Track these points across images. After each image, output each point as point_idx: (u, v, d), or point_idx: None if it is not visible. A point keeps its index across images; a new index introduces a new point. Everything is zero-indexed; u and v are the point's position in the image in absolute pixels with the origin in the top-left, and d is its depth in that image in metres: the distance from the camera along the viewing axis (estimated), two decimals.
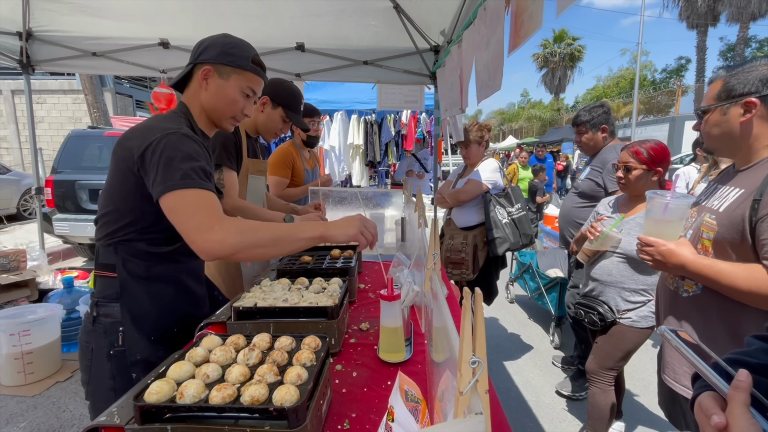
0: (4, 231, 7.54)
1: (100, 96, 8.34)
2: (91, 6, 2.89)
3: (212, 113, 1.24)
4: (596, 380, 2.00)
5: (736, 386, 0.50)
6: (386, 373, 1.11)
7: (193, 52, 1.21)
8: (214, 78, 1.19)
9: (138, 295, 1.15)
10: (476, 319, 0.48)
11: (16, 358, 2.54)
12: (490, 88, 1.74)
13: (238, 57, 1.19)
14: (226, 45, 1.20)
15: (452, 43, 2.60)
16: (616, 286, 1.87)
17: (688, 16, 24.48)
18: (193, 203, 1.01)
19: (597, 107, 2.53)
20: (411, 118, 7.03)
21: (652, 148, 1.80)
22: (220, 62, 1.18)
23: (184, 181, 1.01)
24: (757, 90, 1.09)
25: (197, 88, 1.21)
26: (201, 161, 1.07)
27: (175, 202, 1.01)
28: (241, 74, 1.21)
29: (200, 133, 1.22)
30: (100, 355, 1.14)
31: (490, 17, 1.74)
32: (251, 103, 1.28)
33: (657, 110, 24.16)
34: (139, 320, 1.15)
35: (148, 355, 1.14)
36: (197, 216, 1.00)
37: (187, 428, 0.73)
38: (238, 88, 1.21)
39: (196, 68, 1.20)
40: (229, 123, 1.27)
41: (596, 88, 38.71)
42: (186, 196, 1.01)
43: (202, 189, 1.03)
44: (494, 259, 2.84)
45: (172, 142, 1.05)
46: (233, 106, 1.23)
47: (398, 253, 1.83)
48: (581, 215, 2.50)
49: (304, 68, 3.66)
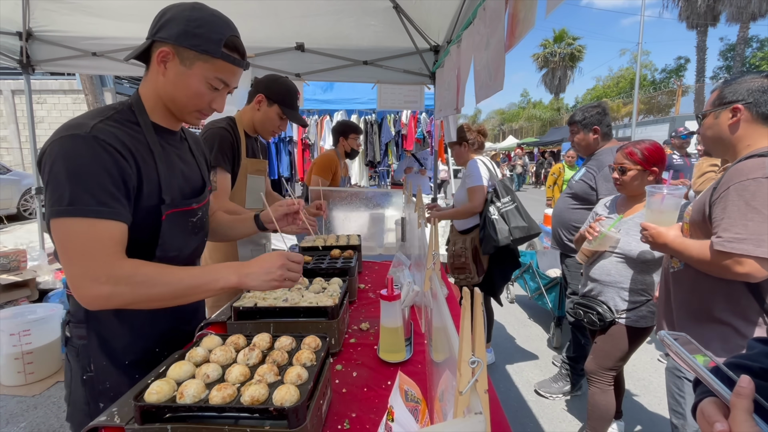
0: (4, 231, 7.54)
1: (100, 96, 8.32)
2: (91, 6, 2.89)
3: (171, 105, 1.00)
4: (595, 380, 2.00)
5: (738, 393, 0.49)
6: (386, 373, 1.11)
7: (152, 24, 0.96)
8: (173, 63, 0.94)
9: (105, 316, 0.99)
10: (475, 319, 0.48)
11: (16, 358, 2.54)
12: (491, 88, 1.74)
13: (205, 40, 0.93)
14: (192, 22, 0.92)
15: (452, 43, 2.60)
16: (615, 286, 1.88)
17: (688, 16, 24.48)
18: (80, 241, 0.83)
19: (592, 107, 2.48)
20: (411, 118, 7.03)
21: (646, 149, 1.82)
22: (182, 44, 0.92)
23: (73, 206, 0.82)
24: (743, 98, 1.28)
25: (154, 72, 0.97)
26: (105, 176, 0.85)
27: (60, 233, 0.84)
28: (208, 62, 0.95)
29: (154, 128, 1.01)
30: (76, 378, 1.02)
31: (489, 17, 1.74)
32: (222, 95, 1.04)
33: (657, 110, 24.16)
34: (108, 344, 1.00)
35: (118, 382, 1.00)
36: (82, 259, 0.83)
37: (187, 428, 0.73)
38: (203, 79, 0.96)
39: (154, 47, 0.95)
40: (194, 117, 1.04)
41: (596, 88, 38.72)
42: (72, 229, 0.83)
43: (95, 218, 0.83)
44: (497, 258, 2.79)
45: (66, 150, 0.83)
46: (197, 100, 0.99)
47: (398, 253, 1.83)
48: (573, 217, 2.48)
49: (304, 68, 3.66)
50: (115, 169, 0.87)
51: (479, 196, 2.71)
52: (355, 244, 1.98)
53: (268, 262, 0.97)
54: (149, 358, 1.05)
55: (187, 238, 1.09)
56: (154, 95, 1.00)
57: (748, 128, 1.28)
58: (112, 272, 0.85)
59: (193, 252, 1.15)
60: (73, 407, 1.05)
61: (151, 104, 1.01)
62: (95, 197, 0.84)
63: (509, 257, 2.83)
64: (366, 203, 2.72)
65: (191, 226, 1.10)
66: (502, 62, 1.62)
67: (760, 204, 1.16)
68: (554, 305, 3.46)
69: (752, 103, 1.26)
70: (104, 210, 0.85)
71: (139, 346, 1.04)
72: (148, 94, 1.00)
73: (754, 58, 25.32)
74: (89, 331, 1.00)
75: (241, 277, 0.95)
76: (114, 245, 0.87)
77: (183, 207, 1.05)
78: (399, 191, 2.77)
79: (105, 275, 0.84)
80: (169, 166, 1.02)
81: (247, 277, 0.95)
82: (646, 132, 19.94)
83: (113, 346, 1.01)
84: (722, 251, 1.20)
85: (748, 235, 1.15)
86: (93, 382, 1.00)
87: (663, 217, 1.47)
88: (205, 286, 0.93)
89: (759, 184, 1.17)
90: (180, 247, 1.07)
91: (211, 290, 0.94)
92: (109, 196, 0.86)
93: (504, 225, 2.64)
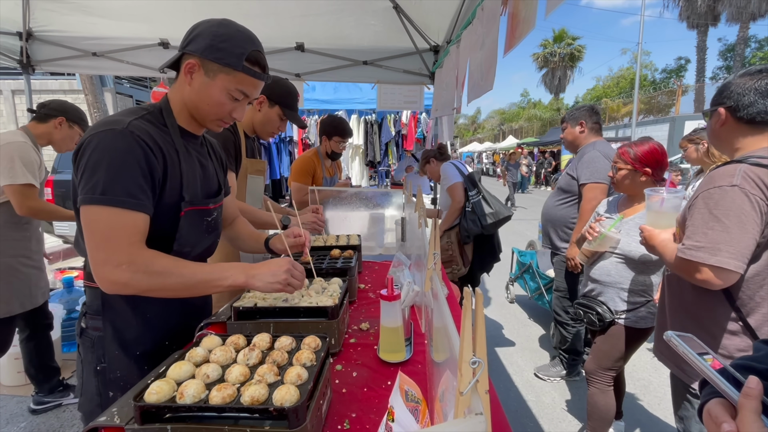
0: None
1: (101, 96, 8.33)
2: (91, 6, 2.89)
3: (195, 112, 1.08)
4: (595, 380, 2.00)
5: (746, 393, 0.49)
6: (386, 373, 1.11)
7: (184, 38, 1.04)
8: (199, 74, 1.02)
9: (121, 307, 1.05)
10: (476, 320, 0.48)
11: (16, 358, 2.54)
12: (482, 88, 1.73)
13: (228, 54, 1.00)
14: (217, 37, 1.00)
15: (451, 43, 2.60)
16: (615, 287, 1.88)
17: (688, 16, 24.50)
18: (106, 227, 0.89)
19: (583, 106, 2.63)
20: (411, 118, 7.04)
21: (640, 149, 1.83)
22: (207, 57, 1.00)
23: (105, 196, 0.89)
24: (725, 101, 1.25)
25: (182, 81, 1.05)
26: (136, 169, 0.92)
27: (88, 219, 0.90)
28: (230, 74, 1.02)
29: (179, 131, 1.08)
30: (88, 368, 1.07)
31: (486, 17, 1.74)
32: (243, 105, 1.10)
33: (657, 110, 24.14)
34: (122, 335, 1.06)
35: (128, 372, 1.05)
36: (106, 245, 0.89)
37: (187, 428, 0.73)
38: (225, 90, 1.03)
39: (183, 58, 1.03)
40: (215, 125, 1.12)
41: (596, 88, 38.73)
42: (100, 216, 0.89)
43: (122, 209, 0.90)
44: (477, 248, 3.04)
45: (104, 142, 0.91)
46: (218, 109, 1.06)
47: (398, 253, 1.83)
48: (558, 212, 2.64)
49: (304, 68, 3.66)
50: (145, 163, 0.95)
51: (458, 192, 2.99)
52: (355, 244, 1.98)
53: (275, 266, 1.04)
54: (159, 350, 1.10)
55: (201, 235, 1.16)
56: (181, 102, 1.08)
57: (733, 131, 1.26)
58: (132, 259, 0.90)
59: (205, 250, 1.22)
60: (84, 397, 1.10)
61: (178, 109, 1.09)
62: (125, 188, 0.91)
63: (487, 246, 3.07)
64: (366, 203, 2.72)
65: (206, 225, 1.16)
66: (494, 62, 1.61)
67: (721, 213, 1.15)
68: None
69: (732, 107, 1.22)
70: (131, 201, 0.92)
71: (150, 338, 1.10)
72: (175, 100, 1.09)
73: (754, 58, 25.34)
74: (105, 322, 1.05)
75: (248, 277, 1.01)
76: (136, 234, 0.93)
77: (201, 206, 1.11)
78: (399, 191, 2.77)
79: (126, 262, 0.90)
80: (191, 167, 1.10)
81: (254, 278, 1.01)
82: (646, 132, 19.93)
83: (126, 337, 1.06)
84: (683, 258, 1.21)
85: (706, 243, 1.16)
86: (105, 372, 1.05)
87: (661, 219, 1.47)
88: (215, 282, 0.98)
89: (723, 193, 1.16)
90: (194, 244, 1.14)
91: (220, 287, 1.00)
92: (138, 189, 0.93)
93: (474, 215, 2.90)
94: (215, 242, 1.27)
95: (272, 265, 1.04)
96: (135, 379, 1.01)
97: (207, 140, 1.26)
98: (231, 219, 1.43)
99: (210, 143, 1.28)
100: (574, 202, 2.58)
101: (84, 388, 1.09)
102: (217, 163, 1.28)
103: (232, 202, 1.44)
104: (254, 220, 1.79)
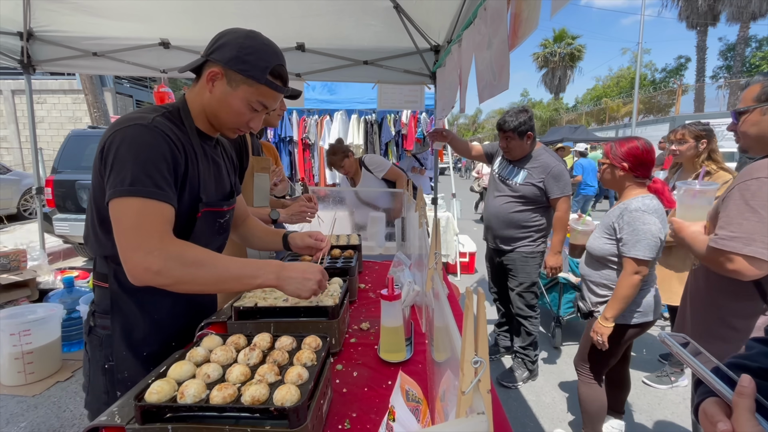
0: (4, 231, 7.54)
1: (101, 96, 8.34)
2: (92, 6, 2.89)
3: (213, 119, 1.10)
4: (579, 373, 2.06)
5: (740, 392, 0.49)
6: (387, 372, 1.11)
7: (209, 44, 1.05)
8: (221, 83, 1.03)
9: (129, 308, 1.05)
10: (478, 319, 0.48)
11: (16, 357, 2.53)
12: (496, 88, 1.72)
13: (252, 66, 1.01)
14: (243, 49, 1.01)
15: (452, 43, 2.60)
16: (587, 280, 1.97)
17: (688, 16, 24.47)
18: (136, 216, 0.89)
19: (522, 113, 2.57)
20: (411, 118, 7.02)
21: (620, 145, 1.86)
22: (231, 68, 1.01)
23: (134, 187, 0.88)
24: None
25: (203, 87, 1.06)
26: (163, 163, 0.93)
27: (118, 211, 0.90)
28: (252, 86, 1.03)
29: (196, 132, 1.09)
30: (96, 367, 1.08)
31: (491, 17, 1.74)
32: (260, 116, 1.11)
33: (657, 110, 24.12)
34: (129, 335, 1.06)
35: (136, 373, 1.05)
36: (137, 233, 0.88)
37: (188, 428, 0.73)
38: (246, 101, 1.04)
39: (206, 65, 1.04)
40: (232, 132, 1.13)
41: (596, 88, 38.71)
42: (130, 206, 0.89)
43: (151, 199, 0.90)
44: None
45: (131, 137, 0.92)
46: (237, 118, 1.07)
47: (398, 252, 1.83)
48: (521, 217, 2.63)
49: (305, 68, 3.66)
50: (171, 158, 0.96)
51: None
52: (355, 244, 1.98)
53: (309, 273, 1.02)
54: (166, 350, 1.09)
55: (213, 237, 1.16)
56: (200, 106, 1.08)
57: None
58: (164, 247, 0.89)
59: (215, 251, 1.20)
60: (91, 395, 1.10)
61: (196, 112, 1.09)
62: (153, 180, 0.91)
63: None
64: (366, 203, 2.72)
65: (218, 226, 1.16)
66: (507, 62, 1.61)
67: (758, 204, 1.16)
68: (554, 305, 3.46)
69: None
70: (159, 192, 0.91)
71: (158, 339, 1.10)
72: (194, 103, 1.09)
73: (754, 58, 25.32)
74: (113, 321, 1.05)
75: (280, 279, 1.00)
76: (167, 224, 0.92)
77: (216, 207, 1.12)
78: (399, 191, 2.77)
79: (158, 249, 0.88)
80: (208, 168, 1.11)
81: (286, 281, 1.00)
82: (647, 132, 19.95)
83: (134, 338, 1.06)
84: (715, 248, 1.22)
85: (741, 233, 1.17)
86: (113, 371, 1.05)
87: (690, 212, 1.47)
88: (246, 279, 0.97)
89: (761, 184, 1.16)
90: (205, 244, 1.12)
91: (250, 285, 0.98)
92: (164, 181, 0.93)
93: None
94: (224, 243, 1.27)
95: (306, 271, 1.02)
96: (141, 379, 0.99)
97: (219, 141, 1.26)
98: (243, 218, 1.43)
99: (223, 144, 1.28)
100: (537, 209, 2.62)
101: (91, 386, 1.10)
102: (230, 164, 1.28)
103: (242, 202, 1.43)
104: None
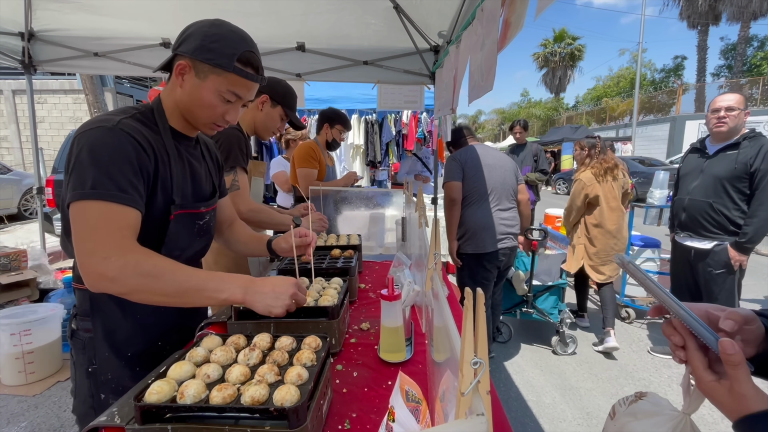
0: (5, 231, 7.55)
1: (101, 96, 8.33)
2: (93, 6, 2.89)
3: (187, 115, 1.05)
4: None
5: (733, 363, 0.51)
6: (387, 373, 1.11)
7: (176, 38, 1.02)
8: (190, 75, 0.99)
9: (110, 309, 1.02)
10: (478, 320, 0.48)
11: (17, 357, 2.54)
12: (483, 89, 1.73)
13: (219, 54, 0.97)
14: (208, 37, 0.97)
15: (451, 44, 2.60)
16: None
17: (688, 16, 24.45)
18: (96, 220, 0.85)
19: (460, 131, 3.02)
20: (412, 118, 7.03)
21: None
22: (198, 58, 0.97)
23: (95, 190, 0.85)
24: None
25: (174, 83, 1.02)
26: (127, 165, 0.89)
27: (76, 215, 0.86)
28: (221, 75, 0.98)
29: (171, 133, 1.05)
30: (80, 370, 1.05)
31: (486, 18, 1.74)
32: (236, 108, 1.07)
33: (657, 109, 24.10)
34: (112, 336, 1.03)
35: (120, 374, 1.02)
36: (94, 237, 0.84)
37: (188, 428, 0.73)
38: (216, 92, 1.00)
39: (175, 59, 1.01)
40: (208, 128, 1.08)
41: (596, 88, 38.67)
42: (89, 209, 0.85)
43: (112, 202, 0.86)
44: None
45: (93, 139, 0.88)
46: (210, 111, 1.03)
47: (398, 252, 1.83)
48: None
49: (305, 68, 3.66)
50: (136, 161, 0.92)
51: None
52: (355, 244, 1.98)
53: (281, 288, 0.96)
54: (152, 350, 1.07)
55: (192, 239, 1.13)
56: (173, 104, 1.05)
57: None
58: (122, 254, 0.85)
59: (196, 253, 1.19)
60: (78, 399, 1.08)
61: (170, 111, 1.06)
62: (115, 183, 0.87)
63: None
64: (366, 203, 2.72)
65: (197, 228, 1.13)
66: (494, 63, 1.61)
67: None
68: (554, 308, 3.46)
69: None
70: (122, 195, 0.88)
71: (142, 339, 1.06)
72: (168, 101, 1.05)
73: (755, 58, 25.30)
74: (95, 323, 1.02)
75: (247, 295, 0.93)
76: (127, 229, 0.88)
77: (191, 209, 1.09)
78: (399, 191, 2.77)
79: (115, 255, 0.84)
80: (182, 169, 1.07)
81: (254, 296, 0.93)
82: (647, 132, 19.96)
83: (116, 338, 1.03)
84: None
85: None
86: (97, 374, 1.03)
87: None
88: (209, 292, 0.91)
89: None
90: (184, 248, 1.10)
91: (214, 299, 0.92)
92: (129, 184, 0.89)
93: None
94: (207, 245, 1.23)
95: (277, 286, 0.96)
96: (127, 380, 0.99)
97: (202, 141, 1.22)
98: (228, 222, 1.37)
99: (206, 144, 1.25)
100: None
101: (77, 390, 1.07)
102: (212, 164, 1.24)
103: (228, 206, 1.37)
104: (269, 219, 1.81)
